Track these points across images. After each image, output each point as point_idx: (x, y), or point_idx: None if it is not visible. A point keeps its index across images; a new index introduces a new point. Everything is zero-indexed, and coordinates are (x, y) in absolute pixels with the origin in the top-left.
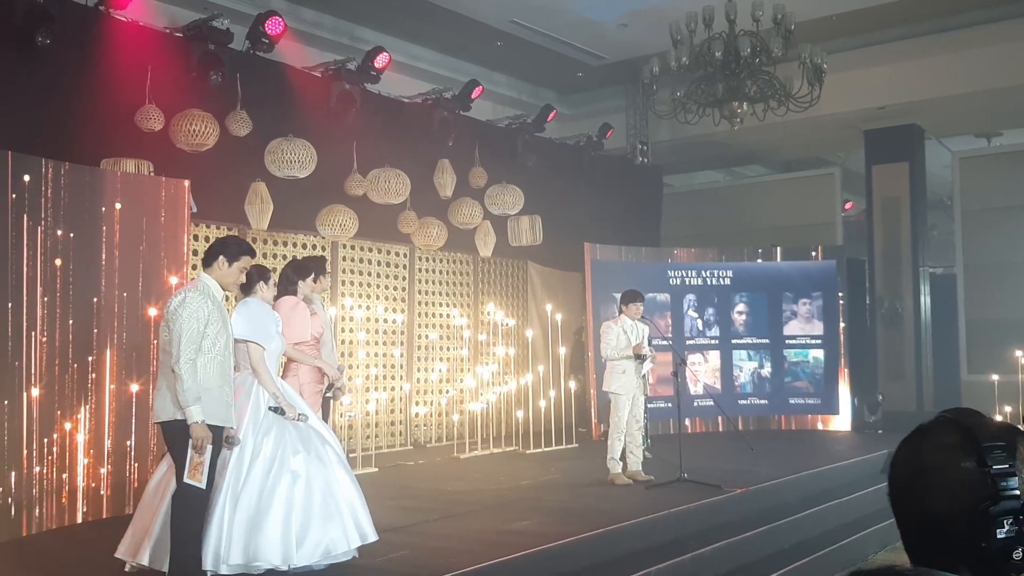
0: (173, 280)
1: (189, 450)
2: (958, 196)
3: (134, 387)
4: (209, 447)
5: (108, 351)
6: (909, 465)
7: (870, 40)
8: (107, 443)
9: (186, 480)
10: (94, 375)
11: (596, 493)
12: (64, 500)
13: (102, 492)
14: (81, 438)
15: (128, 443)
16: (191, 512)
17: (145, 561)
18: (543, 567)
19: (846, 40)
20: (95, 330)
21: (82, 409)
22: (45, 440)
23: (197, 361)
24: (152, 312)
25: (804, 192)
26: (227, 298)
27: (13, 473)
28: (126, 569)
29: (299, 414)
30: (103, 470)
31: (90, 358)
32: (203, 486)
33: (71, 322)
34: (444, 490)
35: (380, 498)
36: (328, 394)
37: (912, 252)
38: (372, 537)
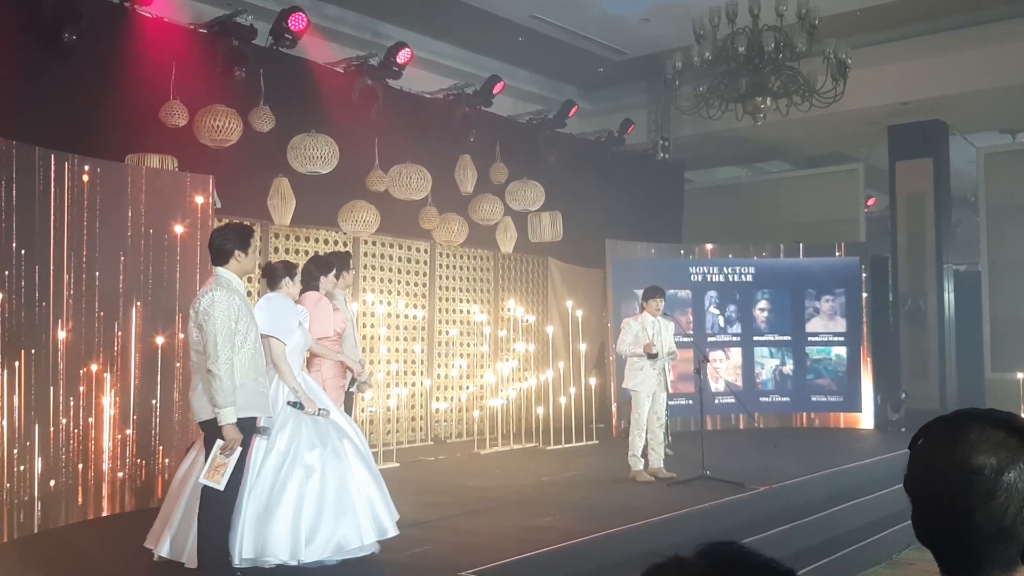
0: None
1: (215, 450)
2: (983, 192)
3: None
4: (238, 449)
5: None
6: (948, 470)
7: (894, 35)
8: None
9: (202, 480)
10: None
11: (618, 490)
12: (89, 476)
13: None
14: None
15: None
16: (219, 507)
17: (165, 552)
18: (565, 564)
19: (870, 35)
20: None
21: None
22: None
23: (234, 360)
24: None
25: (827, 188)
26: (249, 293)
27: (40, 459)
28: (154, 559)
29: (319, 408)
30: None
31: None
32: (221, 488)
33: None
34: (465, 486)
35: (401, 493)
36: (351, 389)
37: (936, 249)
38: (391, 532)
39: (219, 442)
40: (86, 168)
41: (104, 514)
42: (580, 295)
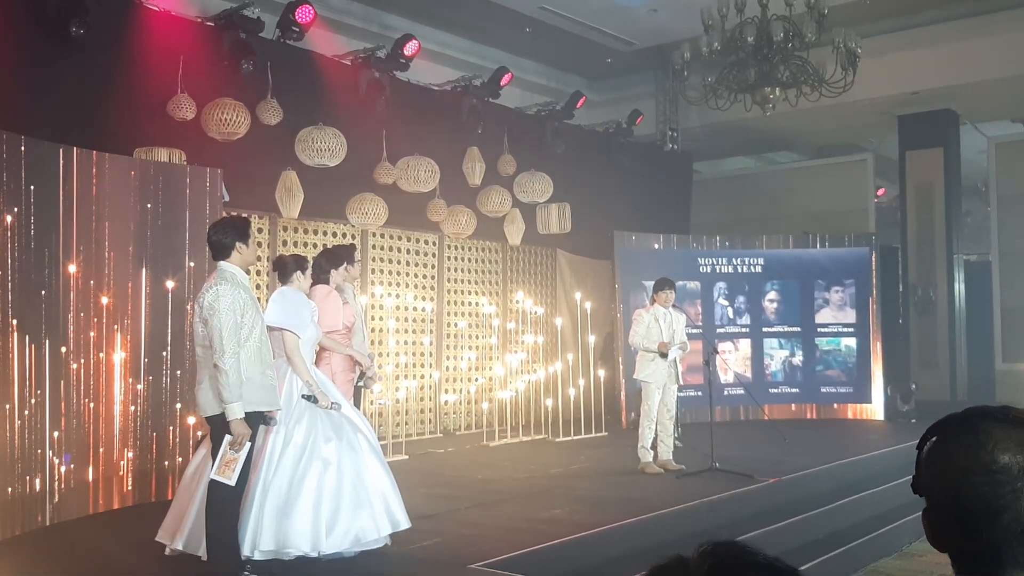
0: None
1: (224, 446)
2: (993, 182)
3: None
4: (248, 444)
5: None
6: (972, 470)
7: (904, 24)
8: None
9: (214, 476)
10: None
11: (627, 482)
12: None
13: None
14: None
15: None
16: (226, 502)
17: (180, 546)
18: (575, 556)
19: (880, 24)
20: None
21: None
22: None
23: (240, 354)
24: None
25: (836, 178)
26: (257, 286)
27: (50, 454)
28: (166, 552)
29: (332, 402)
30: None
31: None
32: (232, 483)
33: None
34: (474, 478)
35: (411, 486)
36: (360, 383)
37: (946, 239)
38: (404, 525)
39: (228, 437)
40: (94, 162)
41: (117, 482)
42: (589, 287)
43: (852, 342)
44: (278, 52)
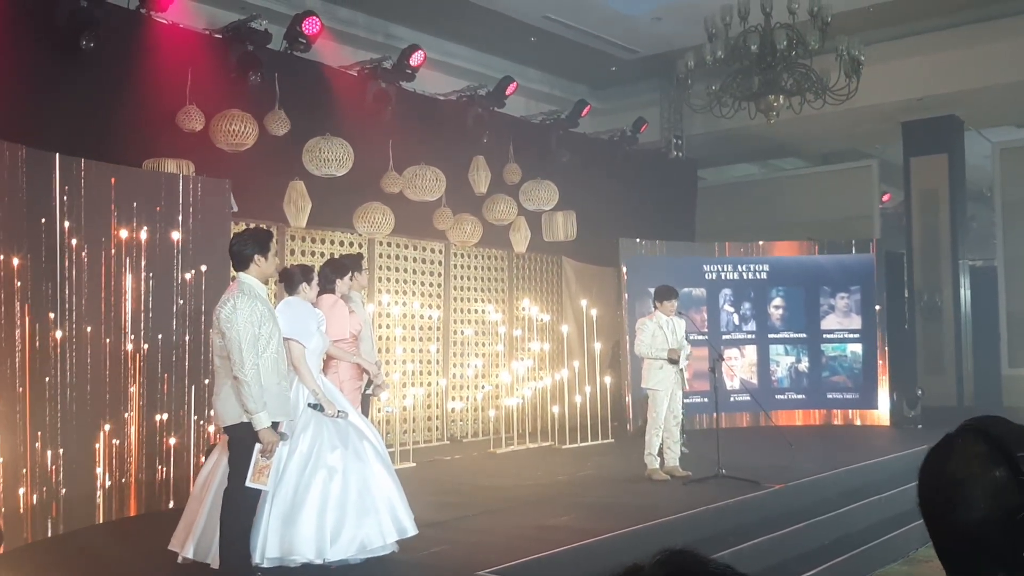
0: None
1: (255, 454)
2: (998, 187)
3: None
4: (278, 449)
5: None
6: (938, 477)
7: (908, 31)
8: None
9: (250, 484)
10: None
11: (633, 489)
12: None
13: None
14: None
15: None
16: (241, 510)
17: (190, 554)
18: (581, 563)
19: (884, 31)
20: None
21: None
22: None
23: (258, 365)
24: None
25: (841, 185)
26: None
27: (60, 454)
28: (179, 561)
29: (339, 411)
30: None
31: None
32: (268, 489)
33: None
34: (481, 485)
35: (418, 493)
36: (368, 391)
37: (951, 245)
38: (411, 531)
39: (258, 446)
40: (104, 174)
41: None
42: (594, 294)
43: (858, 348)
44: (285, 63)
